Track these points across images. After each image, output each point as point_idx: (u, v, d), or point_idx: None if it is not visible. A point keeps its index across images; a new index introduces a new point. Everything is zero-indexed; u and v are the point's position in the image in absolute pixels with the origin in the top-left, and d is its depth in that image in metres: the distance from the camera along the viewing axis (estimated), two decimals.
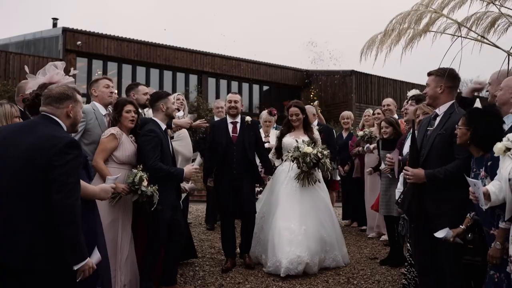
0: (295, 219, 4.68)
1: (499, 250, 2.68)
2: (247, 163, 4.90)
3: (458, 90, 3.55)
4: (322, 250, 4.71)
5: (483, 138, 2.81)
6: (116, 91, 4.49)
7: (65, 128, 2.54)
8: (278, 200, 4.86)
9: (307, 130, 5.15)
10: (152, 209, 3.68)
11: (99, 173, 3.65)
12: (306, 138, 4.94)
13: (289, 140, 5.05)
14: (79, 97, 2.65)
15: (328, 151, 4.87)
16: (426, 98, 3.50)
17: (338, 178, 7.24)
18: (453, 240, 2.99)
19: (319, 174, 4.94)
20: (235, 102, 5.02)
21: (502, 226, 2.64)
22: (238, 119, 5.04)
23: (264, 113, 6.79)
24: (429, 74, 3.41)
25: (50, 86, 2.65)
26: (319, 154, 4.69)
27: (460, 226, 3.01)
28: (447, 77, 3.30)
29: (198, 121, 5.38)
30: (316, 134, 5.23)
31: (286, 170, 4.92)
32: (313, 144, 4.82)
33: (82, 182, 2.54)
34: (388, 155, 3.62)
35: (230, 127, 5.00)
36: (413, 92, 5.30)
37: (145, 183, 3.62)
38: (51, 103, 2.54)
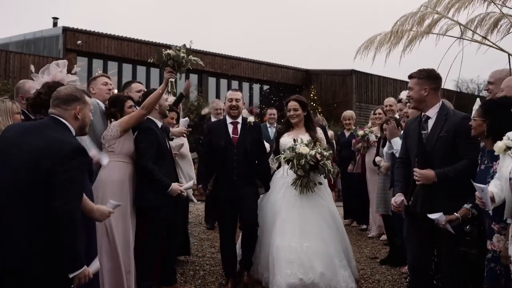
0: (295, 235, 4.04)
1: (508, 249, 2.65)
2: (250, 168, 4.34)
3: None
4: (331, 268, 4.02)
5: (499, 129, 2.74)
6: (116, 90, 4.49)
7: (73, 132, 2.52)
8: (274, 211, 4.24)
9: (309, 128, 4.50)
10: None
11: (153, 102, 3.80)
12: (307, 137, 4.34)
13: (286, 140, 4.40)
14: (88, 99, 2.60)
15: (330, 151, 4.25)
16: (410, 101, 3.42)
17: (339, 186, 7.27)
18: (443, 225, 2.97)
19: (320, 177, 4.25)
20: (237, 100, 4.42)
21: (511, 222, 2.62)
22: (240, 119, 4.47)
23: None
24: (411, 77, 3.34)
25: (59, 88, 2.62)
26: (318, 156, 4.03)
27: (455, 213, 3.00)
28: (430, 78, 3.28)
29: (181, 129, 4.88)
30: (320, 133, 4.62)
31: (284, 176, 4.27)
32: (312, 144, 4.16)
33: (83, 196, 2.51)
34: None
35: (230, 127, 4.41)
36: (404, 93, 5.26)
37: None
38: (59, 104, 2.51)
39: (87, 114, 2.59)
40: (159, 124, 4.08)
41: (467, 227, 2.97)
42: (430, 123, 3.28)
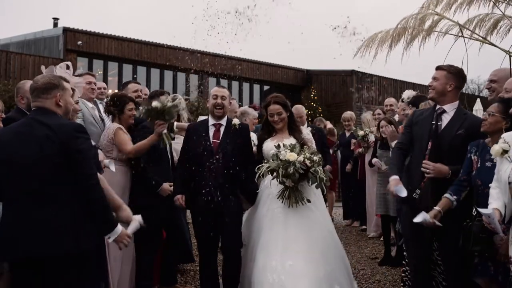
0: (277, 252, 3.42)
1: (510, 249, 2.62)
2: (231, 179, 3.66)
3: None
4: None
5: None
6: (116, 90, 4.52)
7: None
8: (259, 226, 3.64)
9: (293, 130, 3.90)
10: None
11: (141, 149, 3.74)
12: (292, 141, 3.71)
13: (270, 145, 3.77)
14: (66, 84, 2.59)
15: (320, 155, 3.59)
16: (430, 91, 3.30)
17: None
18: (432, 222, 2.90)
19: (311, 187, 3.58)
20: (222, 98, 3.77)
21: None
22: (224, 121, 3.80)
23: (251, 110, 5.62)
24: (440, 68, 3.29)
25: (35, 78, 2.61)
26: (307, 161, 3.41)
27: (435, 208, 2.94)
28: (459, 76, 3.27)
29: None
30: (306, 134, 4.08)
31: (268, 186, 3.65)
32: (298, 148, 3.52)
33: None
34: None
35: (212, 130, 3.76)
36: (407, 93, 5.24)
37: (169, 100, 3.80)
38: (39, 95, 2.49)
39: (68, 100, 2.58)
40: None
41: (478, 223, 2.79)
42: (446, 117, 3.24)
